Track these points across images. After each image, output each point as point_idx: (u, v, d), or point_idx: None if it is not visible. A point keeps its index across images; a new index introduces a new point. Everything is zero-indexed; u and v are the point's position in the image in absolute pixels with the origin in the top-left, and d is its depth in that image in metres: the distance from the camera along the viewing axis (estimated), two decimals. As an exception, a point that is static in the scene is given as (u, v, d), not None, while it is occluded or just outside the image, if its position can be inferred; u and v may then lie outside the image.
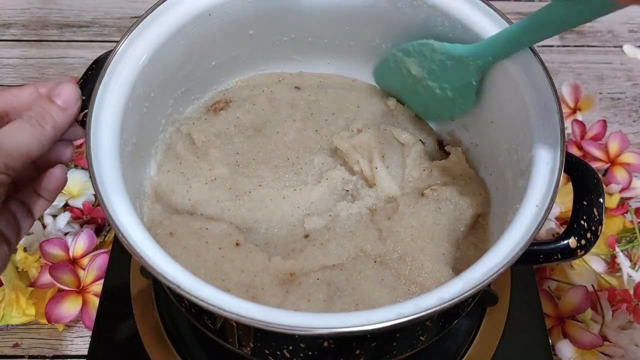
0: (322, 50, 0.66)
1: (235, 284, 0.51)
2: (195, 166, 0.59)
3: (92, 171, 0.44)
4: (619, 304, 0.69)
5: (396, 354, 0.52)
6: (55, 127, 0.44)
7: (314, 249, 0.54)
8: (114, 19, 1.06)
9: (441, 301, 0.39)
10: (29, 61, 0.99)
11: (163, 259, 0.42)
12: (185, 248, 0.53)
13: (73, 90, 0.47)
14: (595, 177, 0.49)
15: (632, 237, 0.77)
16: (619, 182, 0.82)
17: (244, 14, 0.59)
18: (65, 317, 0.67)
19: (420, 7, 0.57)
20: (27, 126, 0.42)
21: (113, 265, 0.69)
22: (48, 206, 0.50)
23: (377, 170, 0.59)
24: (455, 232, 0.57)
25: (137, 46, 0.52)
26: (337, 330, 0.38)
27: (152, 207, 0.58)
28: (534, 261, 0.47)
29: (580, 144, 0.87)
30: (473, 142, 0.64)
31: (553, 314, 0.69)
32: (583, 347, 0.66)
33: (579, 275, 0.73)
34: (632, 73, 1.00)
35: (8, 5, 1.06)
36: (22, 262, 0.71)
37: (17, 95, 0.46)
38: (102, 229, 0.78)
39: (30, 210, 0.48)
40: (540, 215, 0.44)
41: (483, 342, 0.64)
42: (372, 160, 0.60)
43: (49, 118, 0.44)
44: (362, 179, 0.61)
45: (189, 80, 0.62)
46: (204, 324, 0.51)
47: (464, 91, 0.57)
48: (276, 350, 0.49)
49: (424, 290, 0.52)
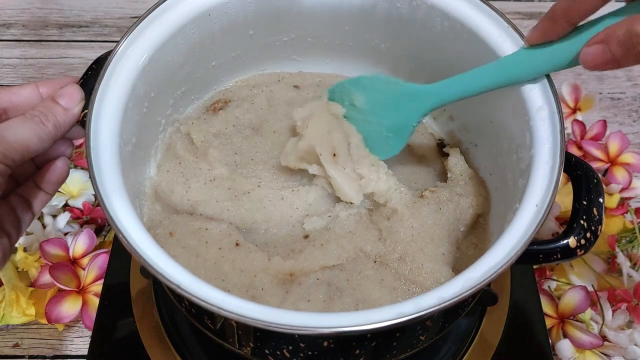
0: (321, 50, 0.66)
1: (235, 284, 0.51)
2: (194, 166, 0.59)
3: (92, 171, 0.44)
4: (619, 304, 0.69)
5: (396, 353, 0.52)
6: (56, 126, 0.45)
7: (314, 249, 0.54)
8: (114, 19, 1.06)
9: (441, 301, 0.39)
10: (29, 61, 0.99)
11: (163, 259, 0.42)
12: (185, 248, 0.53)
13: (76, 92, 0.47)
14: (595, 177, 0.49)
15: (632, 237, 0.77)
16: (619, 182, 0.82)
17: (244, 14, 0.60)
18: (65, 317, 0.67)
19: (419, 7, 0.57)
20: (29, 122, 0.43)
21: (113, 265, 0.69)
22: (48, 200, 0.50)
23: (333, 179, 0.56)
24: (455, 232, 0.57)
25: (137, 46, 0.52)
26: (337, 330, 0.38)
27: (152, 207, 0.58)
28: (533, 261, 0.47)
29: (580, 144, 0.87)
30: (473, 142, 0.64)
31: (553, 314, 0.69)
32: (583, 347, 0.66)
33: (579, 275, 0.73)
34: (632, 73, 1.00)
35: (8, 5, 1.06)
36: (22, 262, 0.71)
37: (16, 94, 0.46)
38: (102, 229, 0.78)
39: (30, 204, 0.49)
40: (540, 215, 0.44)
41: (483, 342, 0.64)
42: (325, 168, 0.56)
43: (51, 116, 0.45)
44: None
45: (189, 80, 0.62)
46: (204, 324, 0.51)
47: (400, 132, 0.56)
48: (276, 350, 0.49)
49: (424, 290, 0.52)
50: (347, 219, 0.57)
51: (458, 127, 0.65)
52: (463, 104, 0.63)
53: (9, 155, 0.41)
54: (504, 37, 0.53)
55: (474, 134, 0.63)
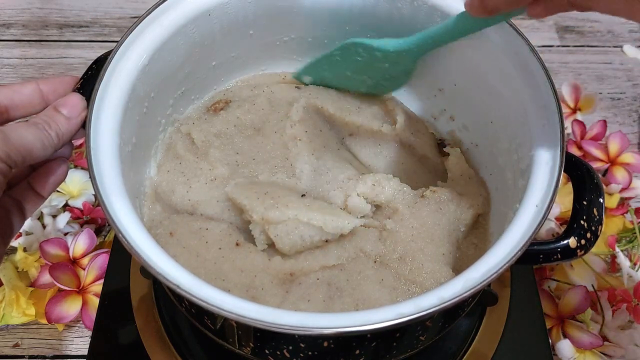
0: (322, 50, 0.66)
1: (235, 284, 0.51)
2: (195, 166, 0.59)
3: (92, 171, 0.44)
4: (619, 304, 0.69)
5: (396, 354, 0.52)
6: (59, 135, 0.45)
7: (314, 249, 0.54)
8: (114, 19, 1.06)
9: (441, 301, 0.39)
10: (29, 61, 0.99)
11: (163, 259, 0.42)
12: (185, 248, 0.53)
13: (79, 101, 0.47)
14: (595, 177, 0.49)
15: (632, 237, 0.77)
16: (619, 182, 0.82)
17: (244, 14, 0.60)
18: (65, 317, 0.67)
19: (420, 7, 0.57)
20: (33, 128, 0.43)
21: (113, 265, 0.69)
22: (41, 203, 0.49)
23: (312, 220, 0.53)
24: (455, 232, 0.57)
25: (137, 46, 0.52)
26: (337, 330, 0.38)
27: (152, 207, 0.58)
28: (534, 261, 0.47)
29: (580, 144, 0.87)
30: (473, 142, 0.64)
31: (553, 314, 0.69)
32: (583, 347, 0.66)
33: (579, 275, 0.73)
34: (632, 73, 1.00)
35: (8, 5, 1.06)
36: (22, 262, 0.71)
37: (17, 91, 0.46)
38: (102, 229, 0.78)
39: (22, 207, 0.48)
40: (540, 215, 0.44)
41: (483, 342, 0.64)
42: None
43: (54, 125, 0.45)
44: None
45: (189, 80, 0.62)
46: (204, 324, 0.51)
47: (402, 74, 0.61)
48: (276, 350, 0.49)
49: (424, 290, 0.52)
50: (347, 219, 0.57)
51: (458, 127, 0.65)
52: (463, 104, 0.63)
53: (13, 156, 0.41)
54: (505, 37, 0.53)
55: (474, 134, 0.63)
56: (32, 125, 0.43)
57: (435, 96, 0.66)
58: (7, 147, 0.40)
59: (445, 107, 0.66)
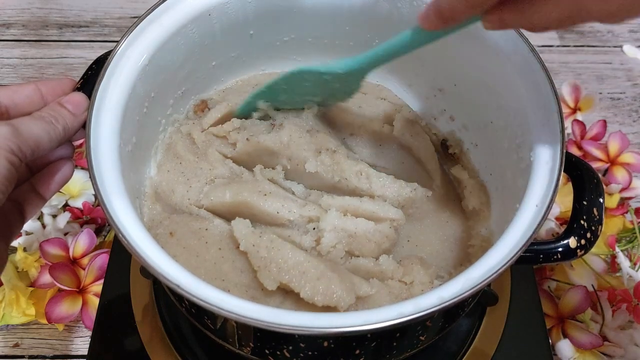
0: (322, 50, 0.66)
1: (235, 284, 0.51)
2: (195, 166, 0.59)
3: (92, 171, 0.44)
4: (619, 304, 0.69)
5: (396, 354, 0.52)
6: (65, 129, 0.45)
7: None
8: (114, 19, 1.06)
9: (441, 301, 0.39)
10: (29, 61, 0.99)
11: (163, 259, 0.42)
12: (185, 248, 0.53)
13: (83, 100, 0.48)
14: (595, 177, 0.49)
15: (632, 237, 0.77)
16: (619, 182, 0.82)
17: (244, 14, 0.59)
18: (65, 317, 0.67)
19: (420, 7, 0.57)
20: (41, 121, 0.44)
21: (113, 265, 0.69)
22: (42, 206, 0.50)
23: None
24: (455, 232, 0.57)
25: (137, 46, 0.52)
26: (337, 330, 0.38)
27: (152, 207, 0.58)
28: (534, 261, 0.47)
29: (580, 144, 0.87)
30: (473, 142, 0.64)
31: (553, 314, 0.69)
32: (583, 347, 0.66)
33: (579, 275, 0.73)
34: (632, 73, 1.00)
35: (8, 5, 1.06)
36: (22, 262, 0.71)
37: (17, 92, 0.46)
38: (102, 229, 0.78)
39: (22, 210, 0.48)
40: (540, 215, 0.44)
41: (483, 342, 0.64)
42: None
43: (60, 119, 0.45)
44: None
45: (189, 80, 0.62)
46: (204, 324, 0.51)
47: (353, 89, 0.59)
48: (276, 350, 0.49)
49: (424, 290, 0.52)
50: (347, 219, 0.57)
51: (458, 127, 0.65)
52: (463, 104, 0.63)
53: (23, 149, 0.41)
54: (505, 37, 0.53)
55: (475, 134, 0.63)
56: (39, 119, 0.44)
57: (435, 96, 0.66)
58: (18, 140, 0.40)
59: (445, 107, 0.66)
